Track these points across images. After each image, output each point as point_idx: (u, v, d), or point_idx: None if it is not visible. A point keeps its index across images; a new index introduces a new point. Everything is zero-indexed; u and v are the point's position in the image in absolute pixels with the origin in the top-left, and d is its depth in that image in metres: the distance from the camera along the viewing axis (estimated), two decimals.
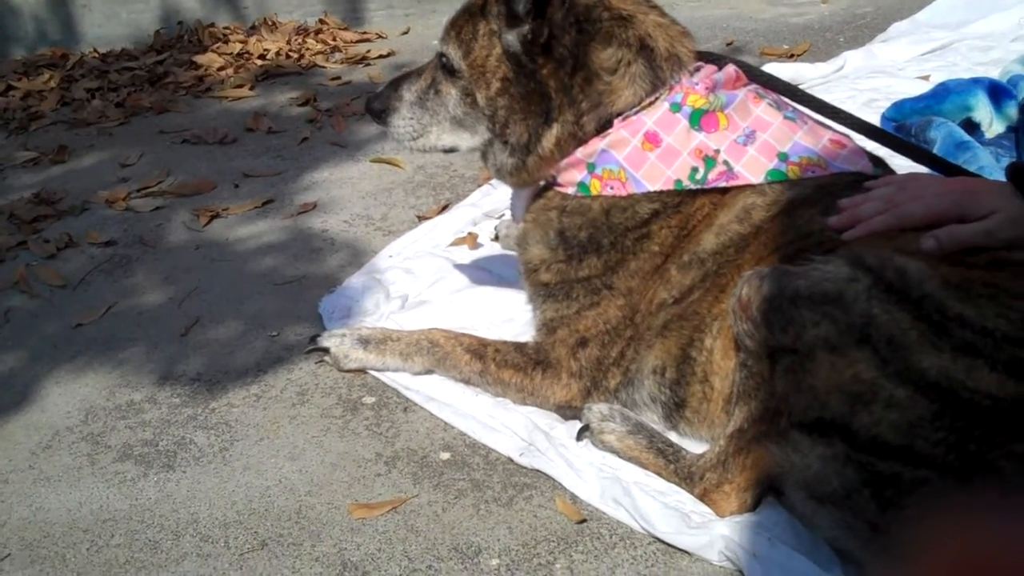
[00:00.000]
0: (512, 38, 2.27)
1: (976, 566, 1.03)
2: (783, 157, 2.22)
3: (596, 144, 2.30)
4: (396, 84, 2.54)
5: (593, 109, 2.30)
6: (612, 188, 2.29)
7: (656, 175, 2.26)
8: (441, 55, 2.39)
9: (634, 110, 2.29)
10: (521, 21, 2.23)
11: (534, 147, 2.34)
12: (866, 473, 1.74)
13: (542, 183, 2.45)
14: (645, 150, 2.27)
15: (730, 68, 2.37)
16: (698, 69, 2.34)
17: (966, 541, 1.05)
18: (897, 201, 2.03)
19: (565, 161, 2.34)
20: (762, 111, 2.29)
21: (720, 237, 2.22)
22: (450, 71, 2.38)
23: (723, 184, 2.24)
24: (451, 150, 2.52)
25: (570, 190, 2.36)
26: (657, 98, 2.29)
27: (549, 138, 2.32)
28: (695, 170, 2.24)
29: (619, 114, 2.30)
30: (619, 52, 2.30)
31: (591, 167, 2.31)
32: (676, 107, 2.28)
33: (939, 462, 1.66)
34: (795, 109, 2.37)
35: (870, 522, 1.76)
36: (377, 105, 2.54)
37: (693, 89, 2.29)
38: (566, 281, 2.36)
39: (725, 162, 2.24)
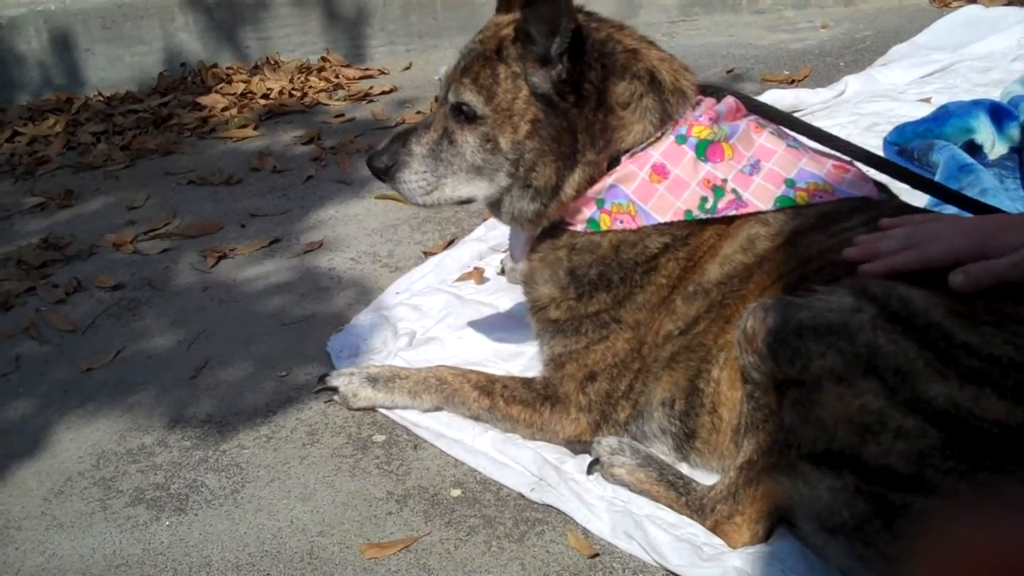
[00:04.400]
0: (540, 79, 2.26)
1: (982, 565, 1.03)
2: (790, 184, 2.23)
3: (605, 180, 2.31)
4: (403, 139, 2.43)
5: (606, 147, 2.31)
6: (622, 222, 2.30)
7: (665, 206, 2.27)
8: (459, 104, 2.33)
9: (641, 146, 2.31)
10: (553, 62, 2.24)
11: (559, 191, 2.33)
12: (877, 504, 1.73)
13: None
14: (653, 182, 2.28)
15: (729, 99, 2.39)
16: (699, 102, 2.36)
17: (971, 541, 1.06)
18: (917, 240, 2.00)
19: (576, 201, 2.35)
20: (765, 140, 2.31)
21: (724, 267, 2.23)
22: (469, 118, 2.32)
23: (733, 212, 2.24)
24: (467, 201, 2.44)
25: (579, 227, 2.36)
26: (663, 133, 2.31)
27: (571, 184, 2.32)
28: (704, 200, 2.26)
29: (627, 150, 2.31)
30: (632, 85, 2.32)
31: (600, 203, 2.32)
32: (682, 139, 2.29)
33: (950, 491, 1.66)
34: (795, 138, 2.39)
35: (883, 553, 1.75)
36: (383, 162, 2.42)
37: (697, 121, 2.31)
38: (575, 317, 2.36)
39: (734, 190, 2.25)
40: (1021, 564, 1.01)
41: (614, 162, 2.32)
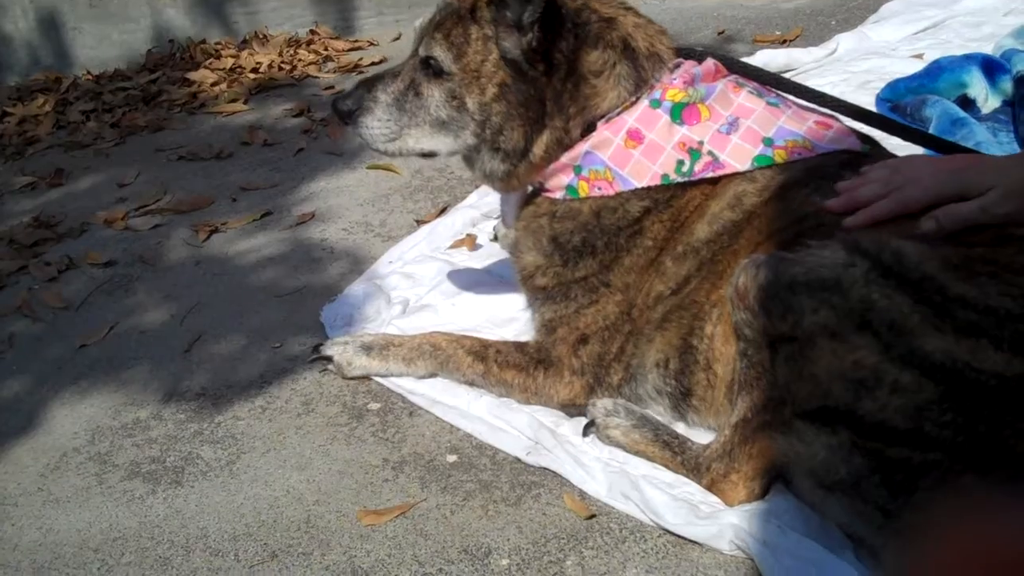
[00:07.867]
0: (511, 45, 2.25)
1: (985, 560, 1.02)
2: (768, 142, 2.21)
3: (581, 147, 2.30)
4: (369, 85, 2.45)
5: (579, 114, 2.30)
6: (600, 188, 2.29)
7: (642, 171, 2.26)
8: (428, 57, 2.33)
9: (616, 111, 2.29)
10: (524, 30, 2.22)
11: (527, 153, 2.33)
12: (875, 459, 1.73)
13: (530, 188, 2.44)
14: (629, 148, 2.26)
15: (709, 62, 2.36)
16: (678, 66, 2.34)
17: (975, 535, 1.05)
18: (895, 184, 2.00)
19: (552, 166, 2.34)
20: (743, 99, 2.29)
21: (713, 225, 2.22)
22: (436, 73, 2.33)
23: (710, 174, 2.23)
24: (429, 154, 2.45)
25: (559, 194, 2.36)
26: (638, 98, 2.29)
27: (540, 145, 2.32)
28: (681, 163, 2.24)
29: (602, 116, 2.30)
30: (605, 54, 2.30)
31: (577, 169, 2.31)
32: (656, 103, 2.28)
33: (949, 445, 1.65)
34: (778, 95, 2.37)
35: (882, 507, 1.75)
36: (347, 105, 2.44)
37: (671, 84, 2.29)
38: (563, 283, 2.35)
39: (710, 152, 2.23)
40: (1021, 558, 1.00)
41: (590, 128, 2.31)
